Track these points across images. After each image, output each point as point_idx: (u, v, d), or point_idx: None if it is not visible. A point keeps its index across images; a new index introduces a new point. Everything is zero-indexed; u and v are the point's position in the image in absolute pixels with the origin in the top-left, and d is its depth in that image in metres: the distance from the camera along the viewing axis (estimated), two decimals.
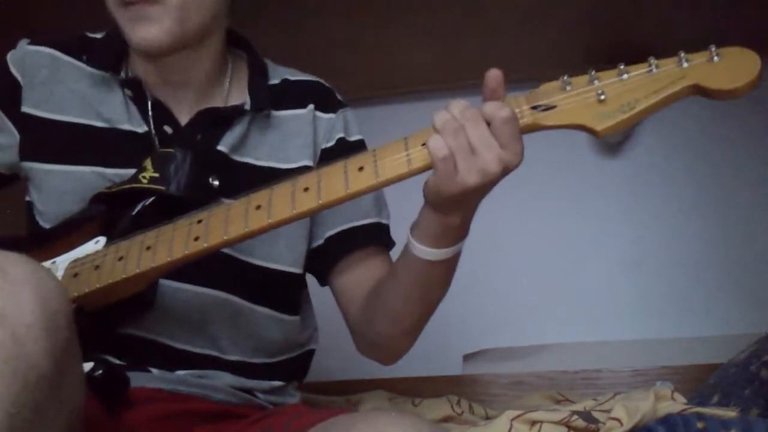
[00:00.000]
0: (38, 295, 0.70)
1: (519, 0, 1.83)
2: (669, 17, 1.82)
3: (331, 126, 1.16)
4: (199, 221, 0.94)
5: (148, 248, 0.94)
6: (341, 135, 1.16)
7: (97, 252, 0.99)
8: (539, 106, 0.84)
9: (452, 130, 0.84)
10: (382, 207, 1.18)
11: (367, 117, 1.24)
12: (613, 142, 2.01)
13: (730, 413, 1.11)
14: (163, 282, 1.02)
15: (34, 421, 0.69)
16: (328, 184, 0.89)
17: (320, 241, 1.15)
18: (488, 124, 0.84)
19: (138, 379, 1.02)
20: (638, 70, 0.82)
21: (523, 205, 1.99)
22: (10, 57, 1.13)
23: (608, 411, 1.12)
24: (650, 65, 0.82)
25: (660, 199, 2.01)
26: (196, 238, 0.92)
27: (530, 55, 1.98)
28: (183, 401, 1.04)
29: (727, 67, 0.79)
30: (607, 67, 0.84)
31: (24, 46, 1.14)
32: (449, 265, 0.97)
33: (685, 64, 0.81)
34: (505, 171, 0.85)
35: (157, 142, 1.08)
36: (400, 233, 1.04)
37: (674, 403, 1.16)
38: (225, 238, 0.91)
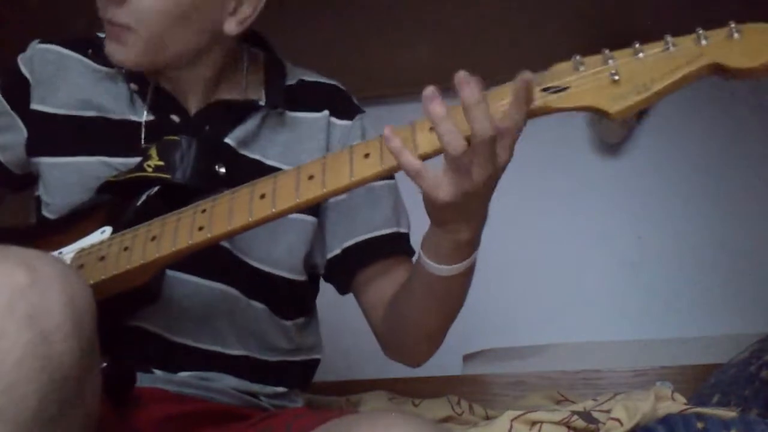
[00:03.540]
0: (67, 295, 0.70)
1: (522, 0, 1.83)
2: (670, 16, 1.82)
3: (347, 133, 1.15)
4: (203, 211, 0.93)
5: (153, 238, 0.93)
6: (358, 142, 1.14)
7: (102, 242, 0.98)
8: (550, 87, 0.80)
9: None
10: (400, 215, 1.16)
11: (367, 116, 1.24)
12: (613, 142, 2.01)
13: (730, 413, 1.11)
14: (167, 272, 1.02)
15: (58, 420, 0.70)
16: (333, 172, 0.87)
17: (337, 251, 1.13)
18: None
19: (141, 380, 1.01)
20: (654, 49, 0.78)
21: (523, 205, 1.98)
22: (21, 57, 1.15)
23: (608, 411, 1.12)
24: (666, 43, 0.78)
25: (660, 199, 2.01)
26: (201, 228, 0.91)
27: (530, 54, 1.98)
28: (187, 402, 1.04)
29: (748, 44, 0.75)
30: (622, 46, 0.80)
31: (34, 46, 1.16)
32: (463, 278, 0.95)
33: (704, 42, 0.77)
34: (498, 172, 0.82)
35: (162, 130, 1.07)
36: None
37: (674, 404, 1.16)
38: (229, 228, 0.90)
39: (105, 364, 0.89)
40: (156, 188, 1.01)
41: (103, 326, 0.77)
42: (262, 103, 1.11)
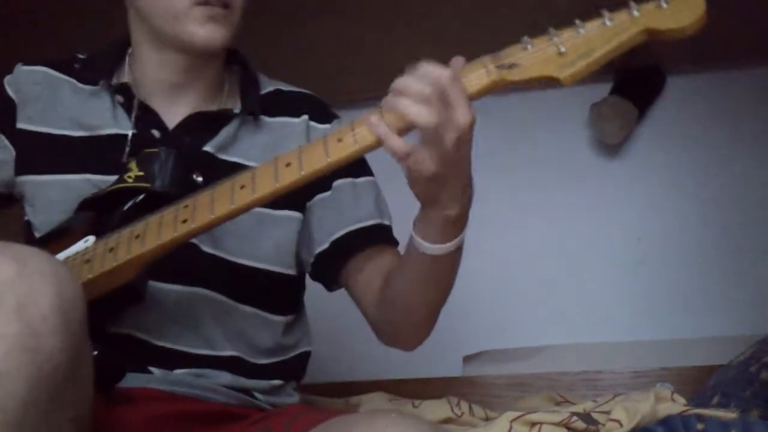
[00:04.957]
0: (55, 288, 0.71)
1: (520, 1, 1.83)
2: None
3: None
4: (186, 206, 0.95)
5: (137, 237, 0.95)
6: None
7: (87, 248, 0.99)
8: (503, 64, 0.89)
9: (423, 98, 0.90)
10: (382, 209, 1.20)
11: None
12: (612, 143, 2.01)
13: (730, 415, 1.11)
14: (152, 284, 1.03)
15: (48, 413, 0.70)
16: (309, 157, 0.91)
17: (325, 245, 1.16)
18: None
19: (138, 380, 1.03)
20: (592, 23, 0.88)
21: (523, 205, 1.98)
22: (7, 79, 1.18)
23: (608, 412, 1.13)
24: (604, 17, 0.87)
25: (660, 199, 2.01)
26: (184, 221, 0.94)
27: None
28: (182, 402, 1.05)
29: (675, 10, 0.85)
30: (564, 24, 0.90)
31: (19, 68, 1.19)
32: (453, 258, 0.99)
33: (636, 13, 0.86)
34: (463, 134, 0.86)
35: (143, 145, 1.09)
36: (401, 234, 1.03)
37: (674, 405, 1.16)
38: (212, 217, 0.93)
39: (95, 352, 0.88)
40: (140, 197, 1.02)
41: (91, 330, 0.77)
42: (237, 111, 1.15)
